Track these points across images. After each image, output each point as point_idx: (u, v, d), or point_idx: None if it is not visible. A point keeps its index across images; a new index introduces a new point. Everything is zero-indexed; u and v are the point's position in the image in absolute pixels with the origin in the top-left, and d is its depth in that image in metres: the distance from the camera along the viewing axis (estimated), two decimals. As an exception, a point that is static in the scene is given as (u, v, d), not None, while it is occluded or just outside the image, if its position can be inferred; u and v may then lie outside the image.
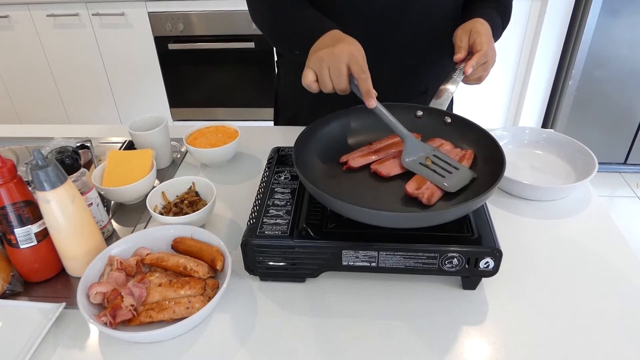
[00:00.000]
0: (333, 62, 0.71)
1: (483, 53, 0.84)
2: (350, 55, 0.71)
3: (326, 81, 0.72)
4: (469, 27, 0.87)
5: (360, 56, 0.72)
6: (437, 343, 0.64)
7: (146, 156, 0.93)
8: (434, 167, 0.75)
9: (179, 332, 0.65)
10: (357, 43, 0.75)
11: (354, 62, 0.71)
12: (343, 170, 0.78)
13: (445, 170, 0.74)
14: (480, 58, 0.84)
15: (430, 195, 0.70)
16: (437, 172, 0.74)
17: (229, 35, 2.38)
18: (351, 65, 0.71)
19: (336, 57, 0.71)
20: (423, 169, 0.75)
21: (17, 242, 0.71)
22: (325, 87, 0.73)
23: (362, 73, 0.71)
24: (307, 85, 0.74)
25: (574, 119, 2.39)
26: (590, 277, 0.73)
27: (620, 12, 2.09)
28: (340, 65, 0.71)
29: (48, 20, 2.40)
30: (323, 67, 0.71)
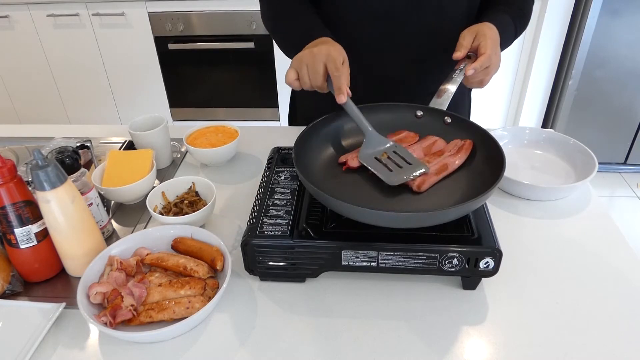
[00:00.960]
0: (311, 61, 0.77)
1: (487, 57, 0.84)
2: (327, 55, 0.76)
3: (304, 78, 0.78)
4: (475, 29, 0.87)
5: (337, 56, 0.77)
6: (437, 343, 0.64)
7: (146, 156, 0.93)
8: (387, 161, 0.76)
9: (179, 332, 0.65)
10: (339, 46, 0.80)
11: (330, 61, 0.76)
12: (342, 170, 0.78)
13: (397, 164, 0.75)
14: (484, 62, 0.84)
15: (420, 183, 0.71)
16: (388, 166, 0.75)
17: (229, 35, 2.38)
18: (327, 63, 0.76)
19: (314, 56, 0.77)
20: (373, 162, 0.76)
21: (17, 242, 0.71)
22: (304, 84, 0.79)
23: (335, 71, 0.76)
24: (289, 83, 0.79)
25: (574, 119, 2.39)
26: (590, 277, 0.73)
27: (620, 12, 2.09)
28: (317, 64, 0.76)
29: (48, 20, 2.40)
30: (302, 65, 0.78)
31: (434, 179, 0.73)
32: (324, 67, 0.76)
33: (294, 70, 0.79)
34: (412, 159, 0.76)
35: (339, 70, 0.76)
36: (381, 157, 0.77)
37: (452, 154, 0.77)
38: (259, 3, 1.01)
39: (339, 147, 0.84)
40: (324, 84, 0.78)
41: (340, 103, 0.77)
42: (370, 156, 0.77)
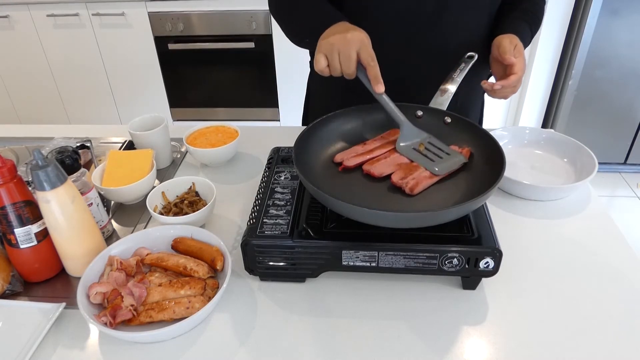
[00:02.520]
0: (344, 48, 0.75)
1: (518, 78, 0.85)
2: (361, 43, 0.75)
3: (336, 65, 0.76)
4: (514, 42, 0.87)
5: (369, 44, 0.76)
6: (437, 343, 0.64)
7: (146, 156, 0.93)
8: (426, 152, 0.78)
9: (179, 332, 0.65)
10: (366, 33, 0.78)
11: (364, 49, 0.75)
12: (339, 170, 0.78)
13: (437, 155, 0.77)
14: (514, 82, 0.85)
15: (414, 185, 0.71)
16: (429, 157, 0.77)
17: (229, 35, 2.38)
18: (361, 52, 0.75)
19: (348, 42, 0.75)
20: (414, 154, 0.78)
21: (17, 242, 0.71)
22: (335, 71, 0.77)
23: (371, 60, 0.75)
24: (320, 70, 0.78)
25: (574, 119, 2.39)
26: (590, 277, 0.73)
27: (620, 12, 2.08)
28: (350, 51, 0.74)
29: (48, 20, 2.40)
30: (334, 51, 0.75)
31: (427, 182, 0.73)
32: (356, 55, 0.75)
33: (324, 56, 0.76)
34: (448, 150, 0.78)
35: (374, 60, 0.75)
36: (419, 148, 0.78)
37: None
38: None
39: (339, 147, 0.84)
40: (355, 71, 0.76)
41: (378, 92, 0.76)
42: (408, 147, 0.79)
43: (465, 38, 0.95)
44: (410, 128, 0.80)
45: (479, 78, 0.92)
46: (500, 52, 0.87)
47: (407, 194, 0.72)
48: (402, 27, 0.93)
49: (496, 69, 0.90)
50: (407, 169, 0.75)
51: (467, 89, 0.89)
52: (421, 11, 0.91)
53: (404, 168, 0.76)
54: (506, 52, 0.85)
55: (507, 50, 0.86)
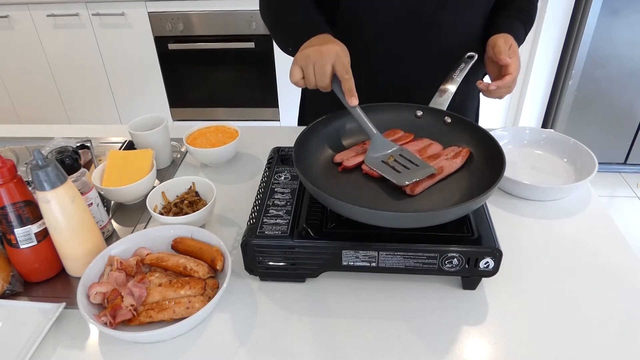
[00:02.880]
0: (319, 61, 0.75)
1: (513, 79, 0.85)
2: (336, 56, 0.75)
3: (310, 78, 0.76)
4: (509, 41, 0.87)
5: (345, 57, 0.76)
6: (437, 343, 0.64)
7: (146, 156, 0.93)
8: (394, 164, 0.76)
9: (179, 332, 0.65)
10: (344, 46, 0.78)
11: (338, 62, 0.75)
12: (339, 171, 0.78)
13: (404, 167, 0.76)
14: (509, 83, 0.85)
15: (414, 186, 0.71)
16: (396, 168, 0.75)
17: (229, 35, 2.38)
18: (336, 65, 0.75)
19: (323, 55, 0.75)
20: (381, 166, 0.76)
21: (17, 242, 0.71)
22: (310, 83, 0.77)
23: (345, 73, 0.74)
24: (294, 82, 0.78)
25: (574, 119, 2.39)
26: (590, 277, 0.73)
27: (620, 12, 2.09)
28: (325, 64, 0.74)
29: (48, 20, 2.40)
30: (309, 64, 0.76)
31: (427, 182, 0.73)
32: (331, 68, 0.75)
33: (299, 68, 0.77)
34: (418, 161, 0.76)
35: (349, 73, 0.75)
36: (388, 160, 0.77)
37: (449, 159, 0.77)
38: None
39: (339, 147, 0.84)
40: (330, 84, 0.77)
41: (352, 105, 0.76)
42: (377, 160, 0.77)
43: (462, 38, 0.95)
44: (381, 140, 0.79)
45: (475, 77, 0.92)
46: (495, 52, 0.87)
47: (408, 194, 0.72)
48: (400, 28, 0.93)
49: (491, 69, 0.90)
50: None
51: (464, 89, 0.89)
52: (420, 12, 0.91)
53: None
54: (501, 52, 0.85)
55: (502, 51, 0.86)
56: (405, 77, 0.99)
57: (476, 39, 0.95)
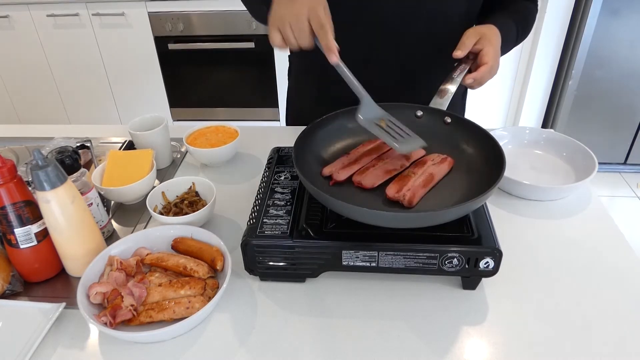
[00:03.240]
0: (294, 20, 0.70)
1: (488, 68, 0.84)
2: (309, 10, 0.70)
3: (291, 40, 0.72)
4: (480, 32, 0.85)
5: (319, 8, 0.70)
6: (437, 343, 0.64)
7: (146, 156, 0.93)
8: (388, 129, 0.76)
9: (179, 332, 0.65)
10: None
11: (313, 16, 0.70)
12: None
13: (398, 134, 0.76)
14: (484, 73, 0.84)
15: (411, 197, 0.70)
16: (390, 134, 0.75)
17: (229, 35, 2.38)
18: (311, 20, 0.70)
19: (297, 13, 0.70)
20: (377, 129, 0.76)
21: (17, 242, 0.71)
22: (292, 46, 0.73)
23: (320, 28, 0.70)
24: (276, 45, 0.74)
25: (574, 119, 2.39)
26: (591, 277, 0.73)
27: (620, 12, 2.09)
28: (301, 22, 0.70)
29: (48, 20, 2.40)
30: (285, 26, 0.71)
31: (422, 191, 0.72)
32: (308, 24, 0.70)
33: (277, 31, 0.72)
34: (409, 131, 0.77)
35: (324, 27, 0.69)
36: (381, 124, 0.76)
37: (436, 164, 0.77)
38: None
39: (339, 147, 0.84)
40: (312, 42, 0.72)
41: (332, 62, 0.71)
42: (370, 122, 0.76)
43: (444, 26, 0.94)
44: (370, 103, 0.77)
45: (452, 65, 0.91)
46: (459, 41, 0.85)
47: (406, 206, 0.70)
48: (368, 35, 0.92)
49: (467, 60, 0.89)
50: (399, 180, 0.74)
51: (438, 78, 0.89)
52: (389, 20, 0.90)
53: (396, 180, 0.74)
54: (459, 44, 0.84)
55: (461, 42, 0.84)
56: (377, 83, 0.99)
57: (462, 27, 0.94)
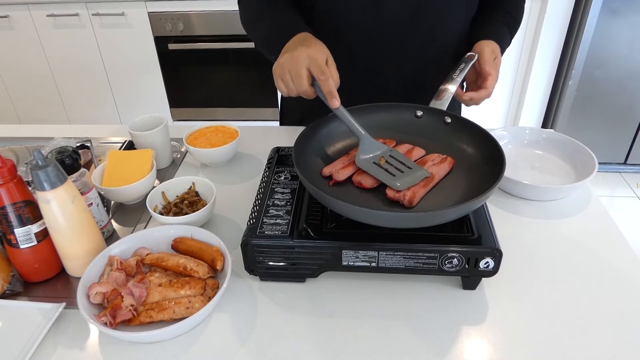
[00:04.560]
0: (293, 67, 0.73)
1: (488, 93, 0.87)
2: (309, 59, 0.72)
3: (290, 87, 0.75)
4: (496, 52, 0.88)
5: (319, 57, 0.72)
6: (437, 343, 0.64)
7: (146, 156, 0.93)
8: (387, 166, 0.75)
9: (179, 332, 0.65)
10: (320, 44, 0.76)
11: (313, 64, 0.72)
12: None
13: (398, 169, 0.74)
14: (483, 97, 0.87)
15: (411, 197, 0.69)
16: (389, 171, 0.74)
17: (229, 35, 2.38)
18: (311, 68, 0.72)
19: (295, 61, 0.72)
20: (374, 168, 0.75)
21: (17, 242, 0.71)
22: (291, 92, 0.75)
23: (321, 74, 0.71)
24: (282, 92, 0.77)
25: (574, 119, 2.39)
26: (590, 277, 0.73)
27: (620, 12, 2.09)
28: (299, 69, 0.72)
29: (48, 20, 2.40)
30: (285, 73, 0.74)
31: (422, 191, 0.72)
32: (307, 72, 0.73)
33: (279, 79, 0.76)
34: (410, 164, 0.75)
35: (324, 74, 0.71)
36: (380, 162, 0.75)
37: (436, 164, 0.77)
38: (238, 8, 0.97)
39: (339, 148, 0.84)
40: (310, 89, 0.74)
41: (333, 107, 0.74)
42: (368, 162, 0.76)
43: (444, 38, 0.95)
44: (370, 141, 0.77)
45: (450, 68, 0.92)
46: (480, 61, 0.87)
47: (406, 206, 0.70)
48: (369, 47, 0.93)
49: (470, 74, 0.90)
50: None
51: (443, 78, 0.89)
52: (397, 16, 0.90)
53: None
54: (486, 62, 0.86)
55: (486, 61, 0.86)
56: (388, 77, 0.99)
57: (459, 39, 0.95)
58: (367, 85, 0.97)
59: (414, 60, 0.97)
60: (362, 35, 0.93)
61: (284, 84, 0.76)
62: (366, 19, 0.91)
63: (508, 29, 0.95)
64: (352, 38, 0.94)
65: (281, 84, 0.76)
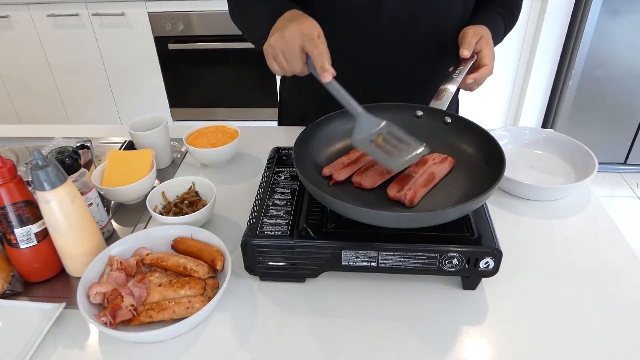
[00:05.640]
0: (286, 47, 0.72)
1: (489, 70, 0.85)
2: (301, 35, 0.71)
3: (284, 67, 0.74)
4: (480, 32, 0.87)
5: (311, 33, 0.71)
6: (437, 343, 0.64)
7: (146, 156, 0.93)
8: (384, 145, 0.73)
9: (179, 332, 0.65)
10: (311, 20, 0.74)
11: (306, 40, 0.71)
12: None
13: (395, 147, 0.73)
14: (485, 74, 0.85)
15: (412, 197, 0.70)
16: (387, 150, 0.72)
17: (229, 35, 2.38)
18: (304, 44, 0.71)
19: (288, 42, 0.72)
20: (370, 147, 0.73)
21: (17, 242, 0.71)
22: (285, 72, 0.75)
23: (314, 49, 0.70)
24: (275, 72, 0.76)
25: (574, 119, 2.39)
26: (590, 277, 0.73)
27: (620, 12, 2.09)
28: (292, 48, 0.71)
29: (48, 20, 2.40)
30: (277, 53, 0.73)
31: (423, 190, 0.72)
32: (300, 50, 0.71)
33: (272, 59, 0.74)
34: (409, 139, 0.73)
35: (318, 48, 0.70)
36: (377, 140, 0.73)
37: (437, 163, 0.77)
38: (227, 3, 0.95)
39: (339, 147, 0.84)
40: (304, 67, 0.73)
41: (325, 81, 0.71)
42: (365, 140, 0.74)
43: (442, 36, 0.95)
44: (366, 118, 0.74)
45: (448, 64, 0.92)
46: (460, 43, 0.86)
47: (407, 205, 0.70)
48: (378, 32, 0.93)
49: None
50: (400, 180, 0.74)
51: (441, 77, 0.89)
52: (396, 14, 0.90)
53: (397, 180, 0.74)
54: (464, 44, 0.85)
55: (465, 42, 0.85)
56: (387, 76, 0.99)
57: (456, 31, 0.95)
58: (367, 84, 0.97)
59: (413, 59, 0.97)
60: (361, 34, 0.93)
61: (277, 64, 0.75)
62: (365, 17, 0.91)
63: (501, 17, 0.95)
64: (350, 37, 0.94)
65: (274, 64, 0.75)
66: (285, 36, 0.72)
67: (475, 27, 0.88)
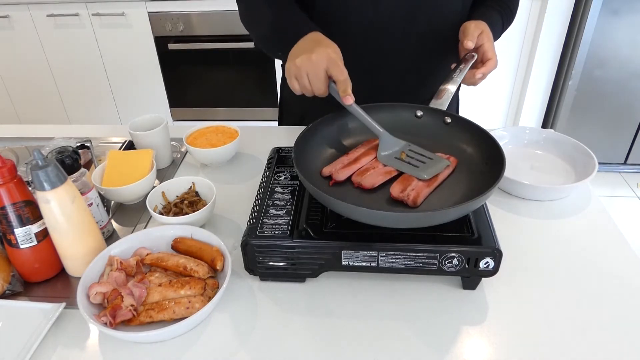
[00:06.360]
0: (311, 70, 0.74)
1: (494, 62, 0.86)
2: (328, 61, 0.74)
3: (306, 88, 0.76)
4: (481, 27, 0.88)
5: (338, 58, 0.74)
6: (437, 343, 0.64)
7: (146, 156, 0.93)
8: (409, 159, 0.78)
9: (179, 332, 0.65)
10: (335, 45, 0.77)
11: (332, 66, 0.74)
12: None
13: (420, 161, 0.77)
14: (491, 67, 0.86)
15: (415, 197, 0.70)
16: (412, 164, 0.77)
17: (229, 35, 2.38)
18: (330, 69, 0.74)
19: (314, 64, 0.74)
20: (398, 162, 0.78)
21: (17, 242, 0.71)
22: (307, 93, 0.77)
23: (340, 75, 0.74)
24: (294, 90, 0.78)
25: (574, 119, 2.39)
26: (590, 277, 0.73)
27: (620, 12, 2.09)
28: (318, 71, 0.74)
29: (48, 20, 2.40)
30: (302, 74, 0.75)
31: (426, 191, 0.72)
32: (325, 73, 0.74)
33: (294, 79, 0.77)
34: (431, 155, 0.78)
35: (343, 74, 0.74)
36: (401, 157, 0.78)
37: None
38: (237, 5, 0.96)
39: (339, 147, 0.84)
40: (326, 90, 0.76)
41: (347, 104, 0.76)
42: (390, 157, 0.79)
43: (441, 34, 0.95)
44: (388, 137, 0.80)
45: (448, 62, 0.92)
46: (462, 36, 0.87)
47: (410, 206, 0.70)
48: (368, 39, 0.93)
49: None
50: (402, 180, 0.74)
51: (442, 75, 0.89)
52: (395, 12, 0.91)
53: (400, 180, 0.74)
54: (467, 36, 0.86)
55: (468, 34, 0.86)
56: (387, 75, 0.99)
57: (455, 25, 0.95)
58: (366, 83, 0.97)
59: (412, 57, 0.97)
60: (360, 33, 0.93)
61: (299, 84, 0.77)
62: (364, 16, 0.91)
63: (499, 14, 0.95)
64: (350, 36, 0.94)
65: (295, 84, 0.77)
66: (312, 59, 0.73)
67: (477, 22, 0.89)
